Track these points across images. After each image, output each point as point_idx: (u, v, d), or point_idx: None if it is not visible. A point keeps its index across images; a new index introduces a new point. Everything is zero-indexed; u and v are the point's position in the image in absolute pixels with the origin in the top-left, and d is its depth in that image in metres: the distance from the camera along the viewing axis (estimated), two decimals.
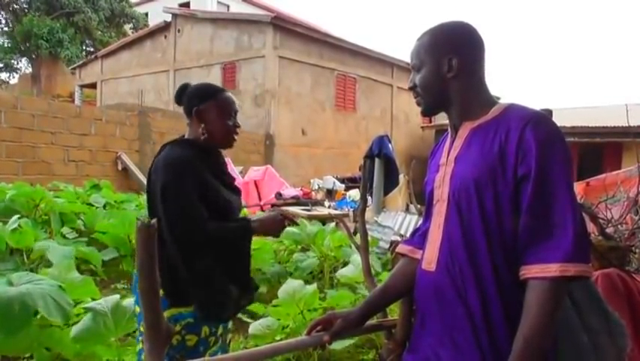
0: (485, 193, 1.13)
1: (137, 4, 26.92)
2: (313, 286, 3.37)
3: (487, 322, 1.12)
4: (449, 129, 1.31)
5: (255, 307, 3.66)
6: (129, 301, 2.55)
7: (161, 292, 1.60)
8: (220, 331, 1.77)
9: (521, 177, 1.09)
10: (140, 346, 1.73)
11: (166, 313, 1.57)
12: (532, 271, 1.07)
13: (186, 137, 1.82)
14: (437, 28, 1.26)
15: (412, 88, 1.30)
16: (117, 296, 2.73)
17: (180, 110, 1.88)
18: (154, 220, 1.15)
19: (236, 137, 1.86)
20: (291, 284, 3.38)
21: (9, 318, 2.27)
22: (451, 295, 1.17)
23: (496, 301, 1.12)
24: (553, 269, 1.04)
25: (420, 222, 1.48)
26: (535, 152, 1.08)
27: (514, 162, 1.10)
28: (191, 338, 1.63)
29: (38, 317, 2.69)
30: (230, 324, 1.87)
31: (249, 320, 3.41)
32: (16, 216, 4.53)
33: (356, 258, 4.27)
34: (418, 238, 1.40)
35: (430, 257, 1.23)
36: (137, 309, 1.72)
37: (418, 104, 1.30)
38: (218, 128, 1.79)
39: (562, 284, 1.06)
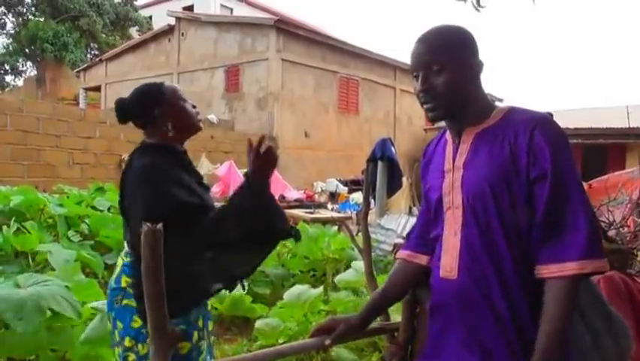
0: (501, 196, 1.15)
1: (142, 8, 27.03)
2: (319, 290, 3.39)
3: (516, 323, 1.14)
4: (450, 134, 1.30)
5: (258, 308, 3.68)
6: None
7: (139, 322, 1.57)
8: (200, 324, 1.71)
9: (535, 179, 1.12)
10: None
11: None
12: (550, 270, 1.10)
13: (149, 142, 1.73)
14: (450, 30, 1.23)
15: (427, 90, 1.21)
16: None
17: None
18: (160, 224, 1.16)
19: (199, 117, 1.79)
20: (297, 288, 3.41)
21: (22, 319, 2.28)
22: (477, 299, 1.17)
23: (522, 301, 1.14)
24: (571, 267, 1.08)
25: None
26: (548, 154, 1.10)
27: (526, 163, 1.12)
28: (184, 345, 1.61)
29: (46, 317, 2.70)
30: (211, 326, 1.79)
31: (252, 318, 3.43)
32: (12, 219, 4.58)
33: (356, 262, 4.28)
34: (415, 240, 1.41)
35: (449, 265, 1.23)
36: (120, 325, 1.63)
37: (434, 108, 1.22)
38: (183, 117, 1.73)
39: (579, 281, 1.10)
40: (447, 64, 1.18)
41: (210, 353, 1.79)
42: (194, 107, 1.78)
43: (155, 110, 1.69)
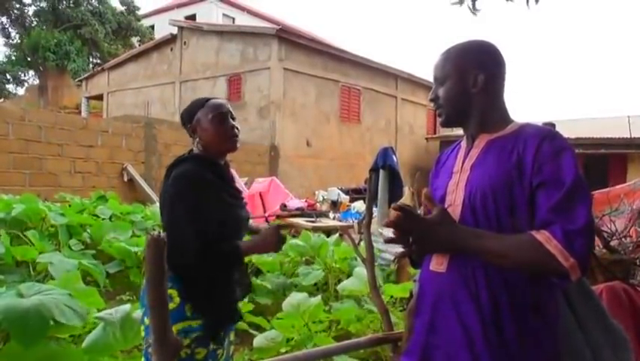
0: (501, 198, 1.19)
1: (144, 17, 27.19)
2: (318, 299, 3.37)
3: (497, 320, 1.16)
4: (465, 139, 1.36)
5: (259, 320, 3.67)
6: (138, 313, 2.55)
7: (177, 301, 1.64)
8: (226, 341, 1.77)
9: (538, 185, 1.15)
10: None
11: (177, 327, 1.59)
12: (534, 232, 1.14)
13: (193, 153, 1.83)
14: (465, 44, 1.32)
15: (434, 100, 1.35)
16: (127, 306, 2.73)
17: None
18: (163, 234, 1.17)
19: (236, 138, 1.82)
20: (296, 297, 3.39)
21: (25, 330, 2.27)
22: (462, 291, 1.20)
23: (505, 302, 1.16)
24: (540, 235, 1.10)
25: None
26: (553, 162, 1.15)
27: (531, 170, 1.16)
28: (200, 351, 1.64)
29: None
30: (232, 336, 1.86)
31: (254, 332, 3.41)
32: (14, 228, 4.60)
33: (359, 271, 4.26)
34: None
35: (439, 259, 1.26)
36: (148, 321, 1.73)
37: (439, 115, 1.36)
38: (211, 136, 1.78)
39: (540, 251, 1.09)
40: (447, 76, 1.30)
41: None
42: (234, 127, 1.81)
43: (188, 125, 1.84)
